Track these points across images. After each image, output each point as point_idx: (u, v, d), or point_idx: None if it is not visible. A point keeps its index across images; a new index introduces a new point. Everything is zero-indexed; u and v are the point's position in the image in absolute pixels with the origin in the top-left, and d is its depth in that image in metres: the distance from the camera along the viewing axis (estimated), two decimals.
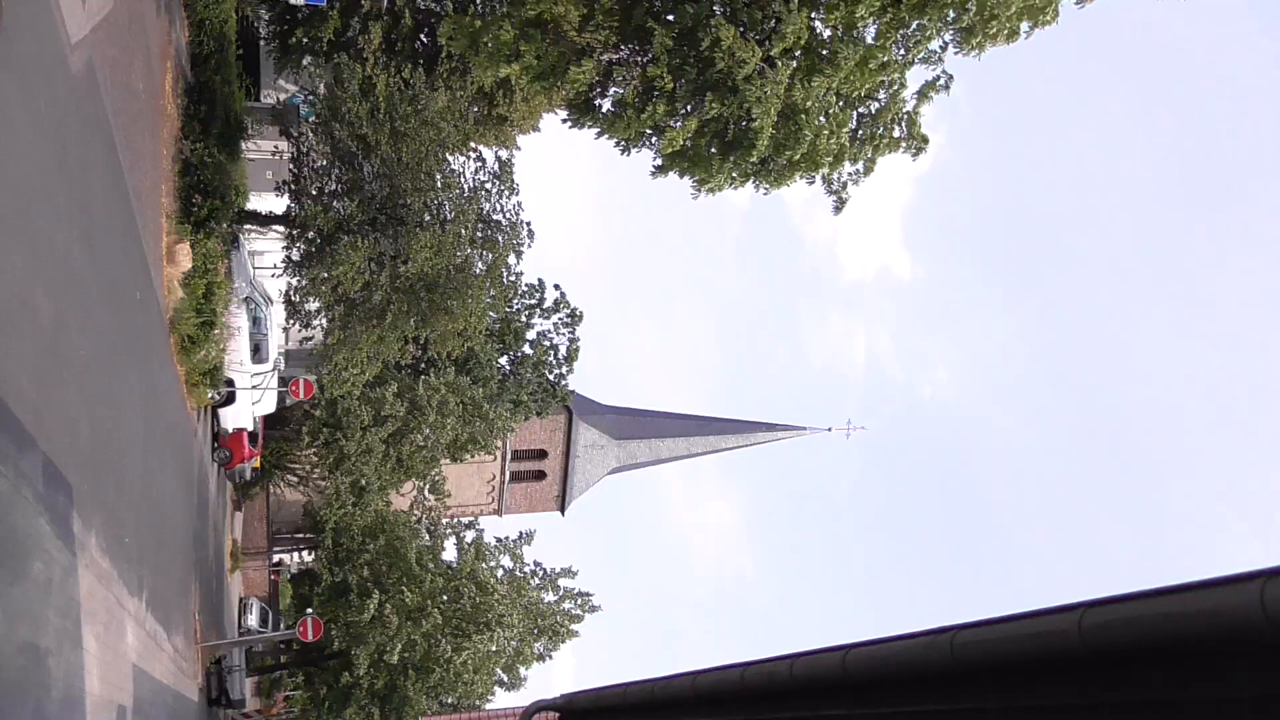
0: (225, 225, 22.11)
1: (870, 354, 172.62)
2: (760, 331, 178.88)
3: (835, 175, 18.72)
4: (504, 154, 25.86)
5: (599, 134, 19.45)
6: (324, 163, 23.45)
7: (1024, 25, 16.74)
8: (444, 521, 34.43)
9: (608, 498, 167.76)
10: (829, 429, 50.74)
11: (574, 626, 31.69)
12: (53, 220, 10.56)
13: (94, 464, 11.75)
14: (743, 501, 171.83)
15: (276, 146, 26.72)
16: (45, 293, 9.97)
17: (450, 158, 23.95)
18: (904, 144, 18.64)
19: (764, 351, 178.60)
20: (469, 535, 32.89)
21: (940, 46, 17.52)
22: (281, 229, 24.66)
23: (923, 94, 18.21)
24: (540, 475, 47.07)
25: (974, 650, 3.08)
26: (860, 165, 18.76)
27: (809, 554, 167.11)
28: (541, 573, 32.00)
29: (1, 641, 7.92)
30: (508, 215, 24.19)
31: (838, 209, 19.13)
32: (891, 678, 3.59)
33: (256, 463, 31.90)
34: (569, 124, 20.19)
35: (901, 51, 17.50)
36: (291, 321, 25.46)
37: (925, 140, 18.52)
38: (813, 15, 16.96)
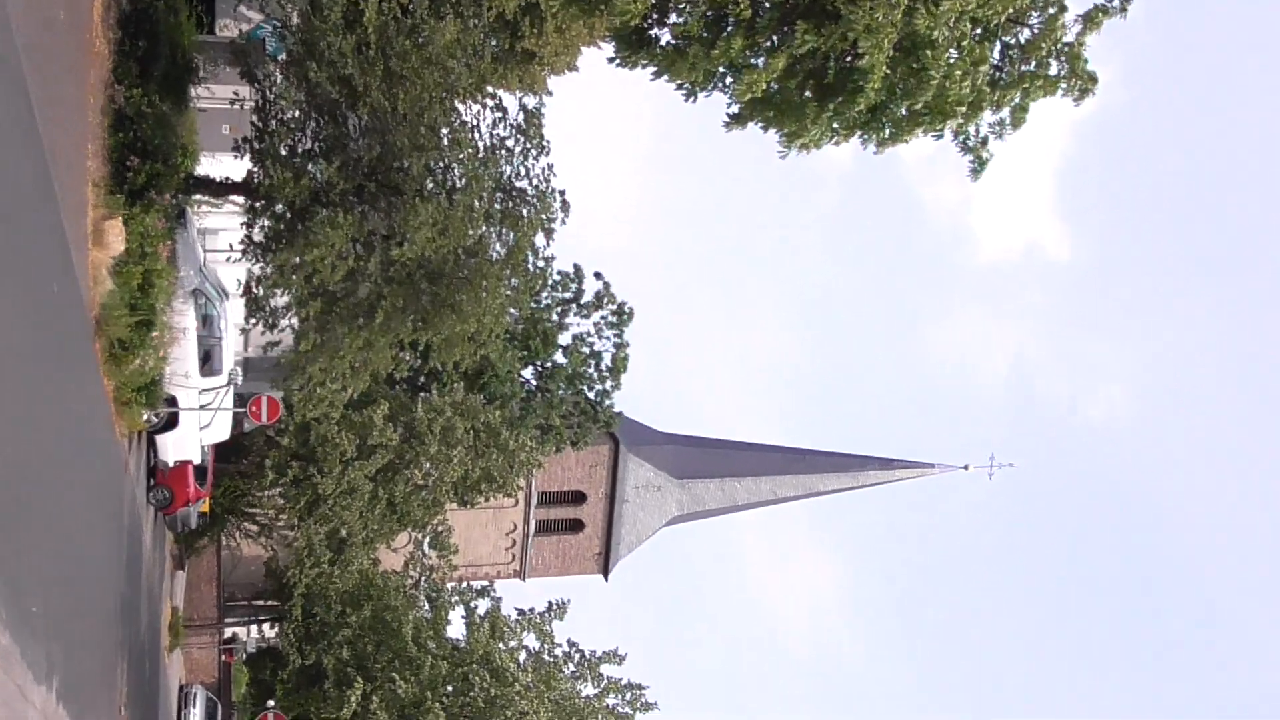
0: (169, 196, 22.53)
1: (1017, 363, 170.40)
2: (867, 335, 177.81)
3: (971, 128, 18.59)
4: (531, 101, 26.01)
5: (656, 75, 19.52)
6: (297, 114, 23.80)
7: None
8: (450, 586, 34.68)
9: (666, 555, 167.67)
10: (965, 466, 50.59)
11: None
12: None
13: None
14: (846, 560, 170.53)
15: (236, 93, 27.15)
16: None
17: (461, 107, 24.16)
18: (1064, 85, 18.45)
19: (872, 362, 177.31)
20: (482, 605, 33.08)
21: None
22: (241, 200, 25.09)
23: (1090, 19, 18.01)
24: (576, 526, 47.18)
25: None
26: (1005, 114, 18.60)
27: (935, 630, 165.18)
28: (578, 657, 32.08)
29: None
30: (535, 182, 24.36)
31: (975, 172, 18.98)
32: None
33: (205, 506, 32.37)
34: (616, 62, 20.30)
35: None
36: (253, 321, 25.85)
37: (1093, 79, 18.32)
38: None
